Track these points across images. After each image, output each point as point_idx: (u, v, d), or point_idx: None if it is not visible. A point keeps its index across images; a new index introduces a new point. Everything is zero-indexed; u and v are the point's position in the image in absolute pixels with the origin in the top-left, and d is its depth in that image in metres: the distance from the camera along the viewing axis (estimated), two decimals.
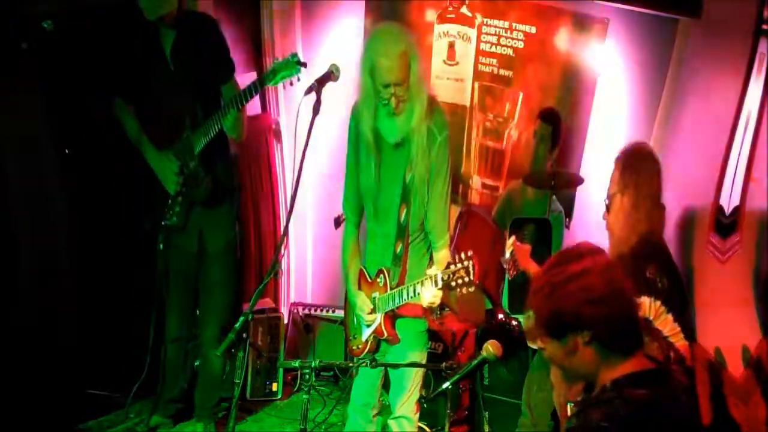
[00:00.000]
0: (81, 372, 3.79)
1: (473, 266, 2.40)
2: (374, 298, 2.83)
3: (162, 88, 3.34)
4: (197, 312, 3.82)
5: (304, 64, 3.04)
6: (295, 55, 3.00)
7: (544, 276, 1.71)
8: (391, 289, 2.76)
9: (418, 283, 2.60)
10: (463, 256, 2.44)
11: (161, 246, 3.44)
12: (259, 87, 3.10)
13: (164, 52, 3.31)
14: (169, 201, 3.42)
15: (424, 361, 2.97)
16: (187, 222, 3.46)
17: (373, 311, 2.83)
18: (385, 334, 2.80)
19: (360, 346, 2.93)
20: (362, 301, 2.84)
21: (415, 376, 2.91)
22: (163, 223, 3.43)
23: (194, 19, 3.37)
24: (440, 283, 2.50)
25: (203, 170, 3.36)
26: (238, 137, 3.35)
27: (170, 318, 3.64)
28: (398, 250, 2.78)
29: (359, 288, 2.91)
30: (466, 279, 2.42)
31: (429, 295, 2.57)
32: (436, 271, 2.52)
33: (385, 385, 3.13)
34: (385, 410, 3.21)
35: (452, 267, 2.45)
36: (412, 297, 2.65)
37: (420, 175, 2.70)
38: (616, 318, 1.66)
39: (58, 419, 3.59)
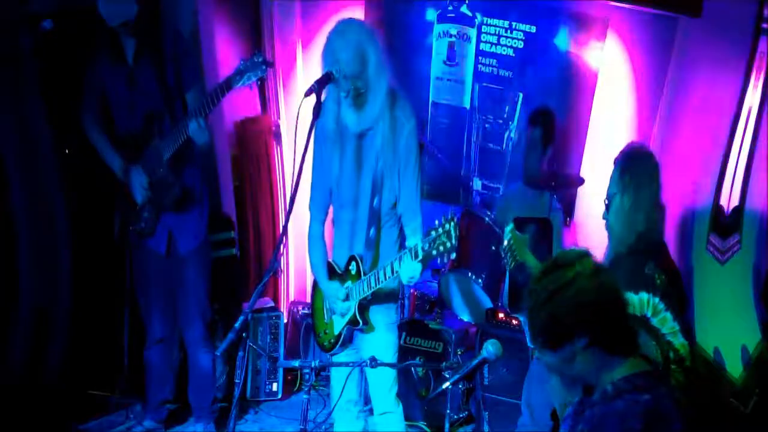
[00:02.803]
0: (81, 372, 3.80)
1: (454, 229, 2.35)
2: (347, 287, 2.82)
3: (127, 97, 3.39)
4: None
5: (271, 64, 3.10)
6: (259, 54, 3.05)
7: (537, 286, 1.73)
8: (365, 274, 2.75)
9: (395, 260, 2.58)
10: (443, 219, 2.39)
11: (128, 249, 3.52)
12: (225, 90, 3.11)
13: (127, 60, 3.36)
14: (138, 207, 3.46)
15: (396, 353, 2.96)
16: (155, 226, 3.48)
17: (347, 298, 2.81)
18: (361, 323, 2.78)
19: (333, 340, 2.92)
20: (335, 288, 2.83)
21: (392, 370, 2.91)
22: (131, 228, 3.47)
23: (155, 26, 3.41)
24: (420, 254, 2.46)
25: (172, 177, 3.39)
26: (204, 144, 3.35)
27: (152, 319, 3.64)
28: (371, 233, 2.78)
29: (329, 279, 2.90)
30: (448, 244, 2.36)
31: (409, 269, 2.55)
32: (414, 242, 2.49)
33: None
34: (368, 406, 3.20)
35: (432, 234, 2.40)
36: (389, 277, 2.62)
37: (388, 164, 2.73)
38: (610, 321, 1.68)
39: (59, 419, 3.59)
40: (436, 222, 2.42)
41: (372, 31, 2.71)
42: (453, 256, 2.38)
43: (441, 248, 2.39)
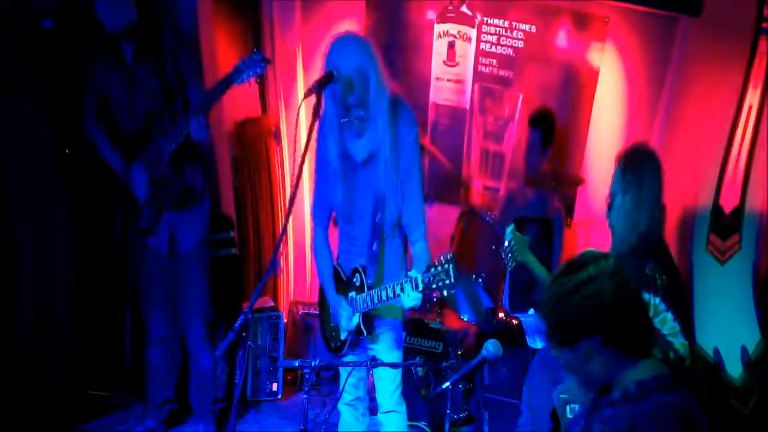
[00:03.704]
0: (82, 372, 3.80)
1: (453, 269, 2.40)
2: (351, 297, 2.83)
3: (127, 97, 3.39)
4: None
5: (269, 61, 3.15)
6: (258, 52, 3.12)
7: (552, 287, 1.73)
8: (368, 288, 2.74)
9: (397, 284, 2.59)
10: (443, 259, 2.43)
11: (129, 248, 3.51)
12: (225, 88, 3.16)
13: (126, 61, 3.37)
14: (139, 205, 3.45)
15: (400, 355, 2.97)
16: (157, 224, 3.48)
17: (353, 314, 2.82)
18: (365, 333, 2.79)
19: (339, 344, 2.93)
20: (341, 305, 2.84)
21: (397, 369, 2.92)
22: (133, 227, 3.47)
23: (155, 27, 3.42)
24: (421, 286, 2.49)
25: (172, 175, 3.40)
26: (203, 141, 3.38)
27: (153, 318, 3.64)
28: (374, 247, 2.78)
29: (335, 286, 2.91)
30: (447, 282, 2.41)
31: (410, 298, 2.57)
32: (416, 273, 2.52)
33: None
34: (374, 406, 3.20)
35: (432, 270, 2.45)
36: (391, 298, 2.63)
37: (391, 183, 2.71)
38: (627, 320, 1.68)
39: (59, 420, 3.59)
40: (436, 260, 2.45)
41: (371, 48, 2.65)
42: (453, 291, 2.42)
43: (440, 284, 2.43)
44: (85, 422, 3.70)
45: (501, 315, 3.98)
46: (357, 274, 2.80)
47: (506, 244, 3.00)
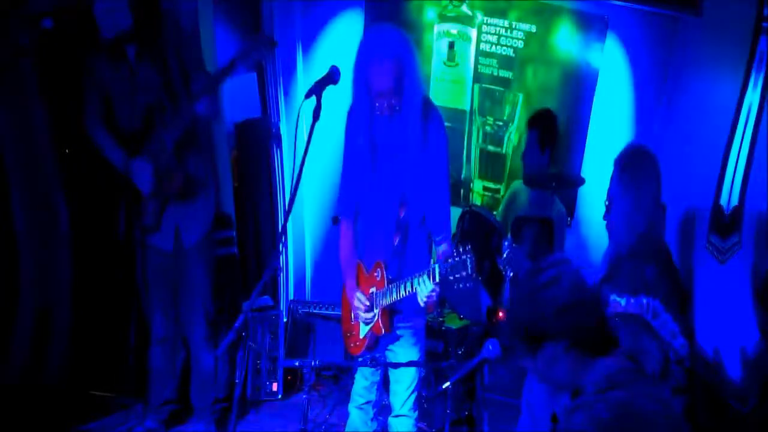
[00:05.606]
0: (82, 372, 3.79)
1: (471, 260, 2.40)
2: (372, 293, 2.83)
3: (130, 95, 3.38)
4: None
5: (275, 43, 3.17)
6: (263, 33, 3.08)
7: (515, 294, 1.76)
8: (389, 283, 2.75)
9: (415, 277, 2.60)
10: (461, 249, 2.43)
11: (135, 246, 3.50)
12: (232, 70, 3.18)
13: (129, 62, 3.36)
14: (143, 200, 3.43)
15: (421, 357, 2.97)
16: (161, 219, 3.46)
17: (370, 308, 2.82)
18: (383, 330, 2.79)
19: (357, 344, 2.93)
20: (360, 299, 2.84)
21: (414, 373, 2.91)
22: (137, 224, 3.45)
23: (155, 28, 3.41)
24: (438, 278, 2.50)
25: (176, 164, 3.38)
26: (207, 116, 3.38)
27: (154, 319, 3.62)
28: (396, 242, 2.78)
29: (356, 283, 2.91)
30: (464, 273, 2.41)
31: (426, 289, 2.57)
32: (434, 265, 2.52)
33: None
34: (386, 409, 3.21)
35: (449, 261, 2.45)
36: (410, 292, 2.64)
37: (418, 180, 2.71)
38: (585, 324, 1.71)
39: (59, 420, 3.59)
40: (454, 251, 2.46)
41: (410, 42, 2.65)
42: (469, 284, 2.42)
43: (458, 275, 2.43)
44: (85, 422, 3.70)
45: (501, 314, 3.98)
46: (378, 269, 2.80)
47: (504, 256, 3.01)
